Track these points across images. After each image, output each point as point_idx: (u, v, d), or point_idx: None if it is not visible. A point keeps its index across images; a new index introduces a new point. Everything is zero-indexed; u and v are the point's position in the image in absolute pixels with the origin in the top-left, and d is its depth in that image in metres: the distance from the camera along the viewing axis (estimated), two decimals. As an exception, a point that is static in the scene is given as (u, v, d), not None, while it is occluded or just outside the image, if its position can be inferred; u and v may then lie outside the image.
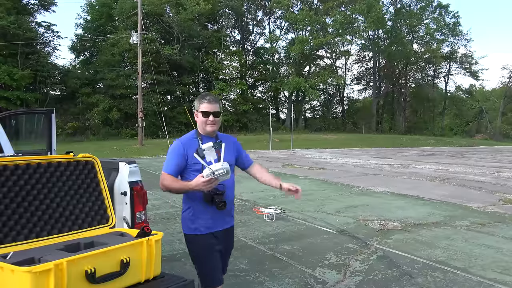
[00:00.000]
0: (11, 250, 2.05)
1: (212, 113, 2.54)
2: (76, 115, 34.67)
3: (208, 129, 2.56)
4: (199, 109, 2.58)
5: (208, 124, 2.56)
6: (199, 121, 2.58)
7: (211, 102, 2.56)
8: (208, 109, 2.55)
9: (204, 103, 2.56)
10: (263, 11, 45.52)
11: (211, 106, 2.55)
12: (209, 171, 2.29)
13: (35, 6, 34.86)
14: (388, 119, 48.99)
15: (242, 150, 2.82)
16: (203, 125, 2.57)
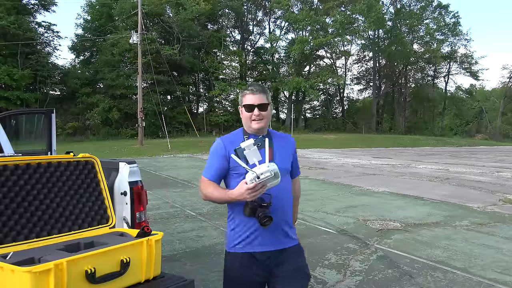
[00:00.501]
0: (11, 250, 2.06)
1: (257, 106, 2.11)
2: (76, 115, 34.66)
3: (254, 126, 2.13)
4: (242, 103, 2.16)
5: (254, 120, 2.12)
6: (243, 117, 2.17)
7: (255, 92, 2.13)
8: (251, 101, 2.13)
9: (247, 94, 2.15)
10: (263, 11, 45.52)
11: (255, 97, 2.13)
12: (253, 175, 1.86)
13: (35, 6, 34.86)
14: (388, 119, 48.98)
15: (296, 156, 2.35)
16: (248, 122, 2.16)
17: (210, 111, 39.83)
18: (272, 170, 1.86)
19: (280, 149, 2.20)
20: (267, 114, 2.15)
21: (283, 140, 2.27)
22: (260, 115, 2.13)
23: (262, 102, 2.13)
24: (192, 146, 25.36)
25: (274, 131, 2.32)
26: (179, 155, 21.91)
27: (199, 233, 6.05)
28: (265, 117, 2.14)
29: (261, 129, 2.16)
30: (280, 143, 2.22)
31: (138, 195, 3.06)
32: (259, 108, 2.12)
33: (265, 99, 2.15)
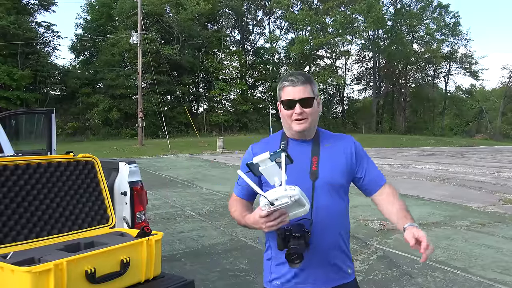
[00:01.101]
0: (11, 250, 2.06)
1: (298, 101, 1.63)
2: (76, 115, 34.66)
3: (295, 128, 1.66)
4: (280, 98, 1.70)
5: (295, 120, 1.66)
6: (282, 116, 1.72)
7: (296, 83, 1.65)
8: (291, 95, 1.64)
9: (286, 87, 1.67)
10: (263, 11, 45.52)
11: (296, 90, 1.64)
12: (265, 201, 1.46)
13: (35, 6, 34.87)
14: (388, 119, 48.99)
15: (367, 161, 1.77)
16: (287, 123, 1.69)
17: (210, 111, 39.83)
18: (292, 196, 1.42)
19: (331, 158, 1.70)
20: (312, 111, 1.66)
21: (335, 145, 1.74)
22: (303, 114, 1.64)
23: (306, 96, 1.64)
24: (192, 146, 25.36)
25: (327, 132, 1.82)
26: (179, 155, 21.92)
27: (199, 233, 6.05)
28: (310, 116, 1.66)
29: (305, 132, 1.68)
30: (330, 150, 1.72)
31: (138, 195, 3.06)
32: (302, 104, 1.64)
33: (309, 91, 1.66)
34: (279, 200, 1.43)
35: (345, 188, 1.74)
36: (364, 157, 1.78)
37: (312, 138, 1.74)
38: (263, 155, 1.48)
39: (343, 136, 1.82)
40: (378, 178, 1.76)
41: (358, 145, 1.80)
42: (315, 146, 1.72)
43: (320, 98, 1.75)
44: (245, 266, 4.56)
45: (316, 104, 1.70)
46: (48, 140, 4.09)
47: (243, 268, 4.48)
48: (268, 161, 1.48)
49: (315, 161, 1.68)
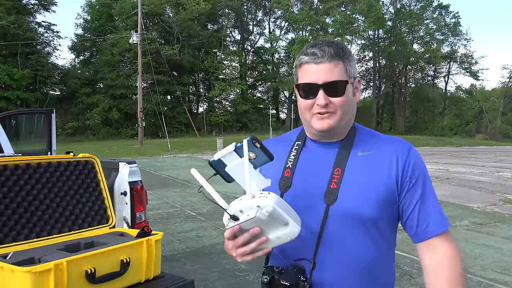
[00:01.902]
0: (11, 250, 2.05)
1: (322, 86, 1.10)
2: (76, 115, 34.66)
3: (316, 125, 1.15)
4: (297, 81, 1.18)
5: (317, 114, 1.14)
6: (300, 108, 1.19)
7: (321, 58, 1.11)
8: (312, 77, 1.11)
9: (305, 63, 1.13)
10: (263, 11, 45.53)
11: (321, 69, 1.11)
12: (225, 215, 1.02)
13: (35, 6, 34.87)
14: (388, 119, 48.99)
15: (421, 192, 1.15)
16: (306, 117, 1.18)
17: (210, 111, 39.83)
18: (263, 206, 0.96)
19: (364, 173, 1.14)
20: (344, 102, 1.13)
21: (378, 154, 1.17)
22: (330, 105, 1.12)
23: (335, 79, 1.11)
24: (192, 146, 25.36)
25: (368, 131, 1.26)
26: (179, 155, 21.92)
27: (199, 233, 6.05)
28: (340, 108, 1.13)
29: (331, 132, 1.16)
30: (366, 161, 1.16)
31: (138, 195, 3.06)
32: (328, 91, 1.11)
33: (341, 71, 1.12)
34: (245, 212, 0.97)
35: (382, 225, 1.15)
36: (419, 180, 1.15)
37: (341, 140, 1.20)
38: (226, 148, 1.02)
39: (393, 141, 1.21)
40: (429, 223, 1.14)
41: (415, 158, 1.17)
42: (343, 152, 1.17)
43: (358, 82, 1.19)
44: (245, 266, 4.56)
45: (351, 92, 1.15)
46: (48, 140, 4.09)
47: (243, 268, 4.48)
48: (235, 157, 1.01)
49: (336, 176, 1.14)
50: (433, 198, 1.17)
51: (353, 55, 1.19)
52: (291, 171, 1.20)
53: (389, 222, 1.18)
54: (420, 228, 1.16)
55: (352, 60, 1.17)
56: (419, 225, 1.16)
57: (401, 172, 1.14)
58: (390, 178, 1.13)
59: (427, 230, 1.14)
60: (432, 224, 1.14)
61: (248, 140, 1.00)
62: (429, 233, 1.14)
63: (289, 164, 1.21)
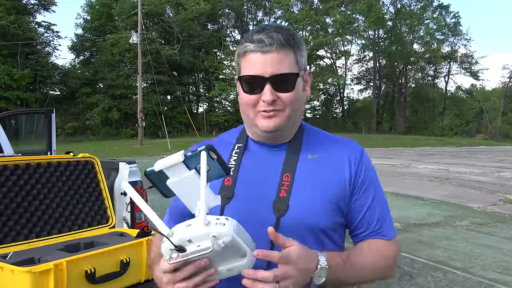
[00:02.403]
0: (11, 250, 2.05)
1: (269, 80, 0.97)
2: (76, 115, 34.67)
3: (262, 124, 1.02)
4: (240, 72, 1.03)
5: (262, 112, 1.00)
6: (241, 104, 1.06)
7: (268, 46, 0.96)
8: (258, 68, 0.98)
9: (250, 51, 0.99)
10: (263, 11, 45.56)
11: (268, 59, 0.97)
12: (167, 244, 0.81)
13: (35, 6, 34.89)
14: (388, 119, 49.00)
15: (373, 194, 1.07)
16: (249, 114, 1.04)
17: (210, 111, 39.85)
18: (220, 236, 0.78)
19: (316, 178, 1.03)
20: (294, 98, 1.01)
21: (328, 156, 1.07)
22: (277, 102, 0.99)
23: (284, 72, 0.97)
24: (192, 146, 25.35)
25: (317, 131, 1.17)
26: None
27: (199, 233, 6.04)
28: (289, 106, 1.01)
29: (277, 132, 1.04)
30: (316, 165, 1.05)
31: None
32: (275, 86, 0.98)
33: (291, 62, 0.99)
34: (195, 242, 0.78)
35: (333, 234, 1.05)
36: (370, 185, 1.06)
37: (288, 141, 1.08)
38: (171, 157, 0.83)
39: (343, 142, 1.11)
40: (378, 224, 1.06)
41: (366, 162, 1.08)
42: (292, 155, 1.05)
43: (308, 74, 1.08)
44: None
45: (301, 86, 1.03)
46: (48, 140, 4.09)
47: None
48: (182, 168, 0.82)
49: (286, 182, 1.01)
50: (384, 203, 1.10)
51: (304, 43, 1.05)
52: (233, 179, 1.04)
53: (340, 230, 1.08)
54: (370, 232, 1.06)
55: (303, 49, 1.03)
56: (369, 229, 1.06)
57: (353, 176, 1.05)
58: (343, 182, 1.04)
59: (380, 234, 1.06)
60: (384, 229, 1.07)
61: (203, 152, 0.81)
62: (381, 236, 1.06)
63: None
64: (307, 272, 0.87)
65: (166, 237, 0.79)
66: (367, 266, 1.00)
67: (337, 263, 0.93)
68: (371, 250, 1.03)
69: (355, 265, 0.96)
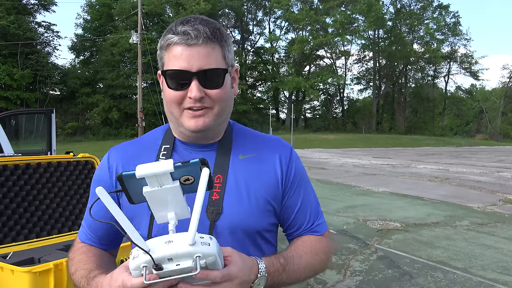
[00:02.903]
0: (11, 250, 2.05)
1: (196, 75, 0.91)
2: (76, 115, 34.69)
3: (188, 124, 0.96)
4: (163, 66, 0.97)
5: (187, 110, 0.95)
6: (166, 101, 1.00)
7: (194, 39, 0.90)
8: (183, 62, 0.91)
9: (174, 44, 0.92)
10: (263, 11, 45.59)
11: (195, 53, 0.91)
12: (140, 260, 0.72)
13: (35, 6, 34.92)
14: (388, 119, 49.01)
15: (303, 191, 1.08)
16: (174, 113, 0.98)
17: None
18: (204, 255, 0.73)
19: (248, 179, 1.01)
20: (222, 95, 0.96)
21: (260, 155, 1.04)
22: (205, 100, 0.94)
23: (211, 67, 0.92)
24: (192, 146, 25.36)
25: (245, 130, 1.11)
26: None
27: (199, 233, 6.04)
28: (218, 104, 0.96)
29: (206, 132, 0.99)
30: (249, 164, 1.02)
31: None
32: (203, 82, 0.92)
33: (218, 57, 0.94)
34: (175, 261, 0.72)
35: (268, 234, 1.05)
36: (301, 183, 1.06)
37: (218, 140, 1.03)
38: (159, 165, 0.74)
39: (273, 141, 1.08)
40: (309, 217, 1.08)
41: (296, 161, 1.07)
42: (222, 155, 1.01)
43: (236, 71, 1.03)
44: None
45: (229, 82, 0.98)
46: (48, 140, 4.09)
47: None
48: (167, 179, 0.75)
49: (218, 184, 0.97)
50: (314, 199, 1.11)
51: (231, 39, 0.99)
52: None
53: (274, 230, 1.08)
54: (303, 230, 1.08)
55: (230, 44, 0.97)
56: (301, 227, 1.07)
57: (284, 176, 1.03)
58: (275, 182, 1.02)
59: (312, 230, 1.08)
60: (316, 225, 1.09)
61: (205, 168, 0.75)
62: (314, 232, 1.08)
63: None
64: (247, 283, 0.85)
65: (148, 253, 0.71)
66: (303, 267, 1.00)
67: (276, 269, 0.93)
68: (305, 248, 1.03)
69: (292, 268, 0.97)
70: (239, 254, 0.85)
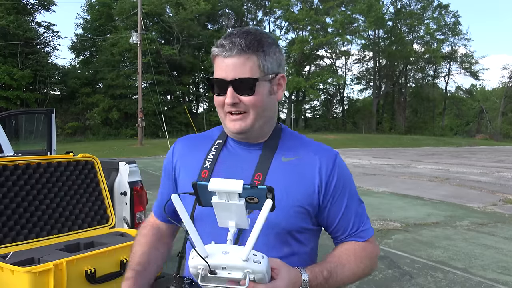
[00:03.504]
0: (11, 250, 2.05)
1: (231, 83, 1.01)
2: (76, 115, 34.67)
3: (229, 125, 1.06)
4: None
5: (228, 113, 1.05)
6: (215, 104, 1.09)
7: (229, 51, 1.00)
8: (221, 71, 1.02)
9: (215, 56, 1.04)
10: (263, 11, 45.56)
11: (230, 63, 1.01)
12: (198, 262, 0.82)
13: (35, 6, 34.89)
14: (388, 119, 48.99)
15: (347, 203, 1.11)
16: (221, 115, 1.09)
17: (210, 111, 39.84)
18: (254, 272, 0.81)
19: (287, 181, 1.05)
20: (256, 102, 1.02)
21: (303, 160, 1.08)
22: (240, 105, 1.02)
23: (242, 76, 1.00)
24: (192, 146, 25.32)
25: (294, 135, 1.17)
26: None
27: (199, 233, 6.04)
28: (253, 109, 1.03)
29: (246, 134, 1.06)
30: (289, 167, 1.07)
31: (138, 195, 3.06)
32: (237, 89, 1.01)
33: (252, 67, 1.01)
34: (227, 270, 0.80)
35: (301, 236, 1.08)
36: (344, 191, 1.10)
37: (264, 141, 1.10)
38: (230, 184, 0.82)
39: (318, 148, 1.12)
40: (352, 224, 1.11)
41: (340, 167, 1.10)
42: (266, 156, 1.07)
43: (282, 78, 1.08)
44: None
45: (266, 90, 1.04)
46: (48, 140, 4.09)
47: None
48: (234, 196, 0.83)
49: (257, 181, 1.03)
50: (359, 205, 1.14)
51: (276, 47, 1.06)
52: (209, 172, 1.08)
53: (307, 232, 1.10)
54: (348, 235, 1.12)
55: (270, 53, 1.03)
56: (345, 232, 1.12)
57: (324, 183, 1.07)
58: (312, 188, 1.06)
59: (357, 236, 1.12)
60: (360, 231, 1.12)
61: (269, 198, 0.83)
62: (358, 238, 1.12)
63: (207, 164, 1.10)
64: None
65: (203, 258, 0.80)
66: (346, 276, 1.06)
67: (319, 282, 0.98)
68: (349, 257, 1.08)
69: (335, 279, 1.02)
70: (286, 268, 0.91)
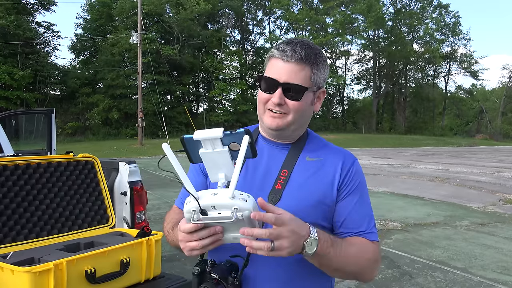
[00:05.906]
0: (11, 250, 2.05)
1: (282, 85, 1.11)
2: (76, 115, 34.66)
3: (267, 121, 1.17)
4: (264, 72, 1.17)
5: (269, 110, 1.16)
6: (258, 100, 1.21)
7: (289, 57, 1.10)
8: (275, 72, 1.12)
9: (274, 57, 1.14)
10: (263, 11, 45.55)
11: (287, 68, 1.10)
12: (192, 205, 0.92)
13: (35, 6, 34.90)
14: (388, 119, 48.98)
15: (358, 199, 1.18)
16: (260, 110, 1.20)
17: (210, 111, 39.85)
18: (241, 209, 0.90)
19: (309, 178, 1.16)
20: (299, 107, 1.13)
21: (324, 161, 1.19)
22: (284, 106, 1.12)
23: (295, 83, 1.10)
24: (192, 146, 25.34)
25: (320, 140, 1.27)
26: (179, 155, 21.91)
27: (199, 233, 6.04)
28: (293, 113, 1.13)
29: (279, 132, 1.17)
30: (312, 167, 1.18)
31: (138, 195, 3.06)
32: (286, 92, 1.11)
33: (305, 76, 1.11)
34: (217, 210, 0.91)
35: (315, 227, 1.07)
36: (357, 191, 1.18)
37: (292, 142, 1.21)
38: (212, 131, 0.94)
39: (340, 151, 1.22)
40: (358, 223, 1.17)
41: (357, 170, 1.19)
42: (292, 154, 1.19)
43: (322, 92, 1.19)
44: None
45: (310, 100, 1.15)
46: (48, 140, 4.09)
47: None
48: (218, 143, 0.94)
49: (283, 177, 1.15)
50: (368, 208, 1.21)
51: (327, 65, 1.18)
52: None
53: (322, 224, 1.15)
54: (355, 233, 1.17)
55: (322, 68, 1.15)
56: (352, 230, 1.17)
57: (341, 182, 1.17)
58: (331, 187, 1.16)
59: (363, 235, 1.17)
60: (366, 232, 1.18)
61: (246, 136, 0.92)
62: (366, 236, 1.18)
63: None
64: (299, 237, 0.97)
65: (196, 199, 0.90)
66: (350, 255, 1.09)
67: (326, 240, 1.03)
68: (356, 244, 1.13)
69: (340, 249, 1.06)
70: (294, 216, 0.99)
